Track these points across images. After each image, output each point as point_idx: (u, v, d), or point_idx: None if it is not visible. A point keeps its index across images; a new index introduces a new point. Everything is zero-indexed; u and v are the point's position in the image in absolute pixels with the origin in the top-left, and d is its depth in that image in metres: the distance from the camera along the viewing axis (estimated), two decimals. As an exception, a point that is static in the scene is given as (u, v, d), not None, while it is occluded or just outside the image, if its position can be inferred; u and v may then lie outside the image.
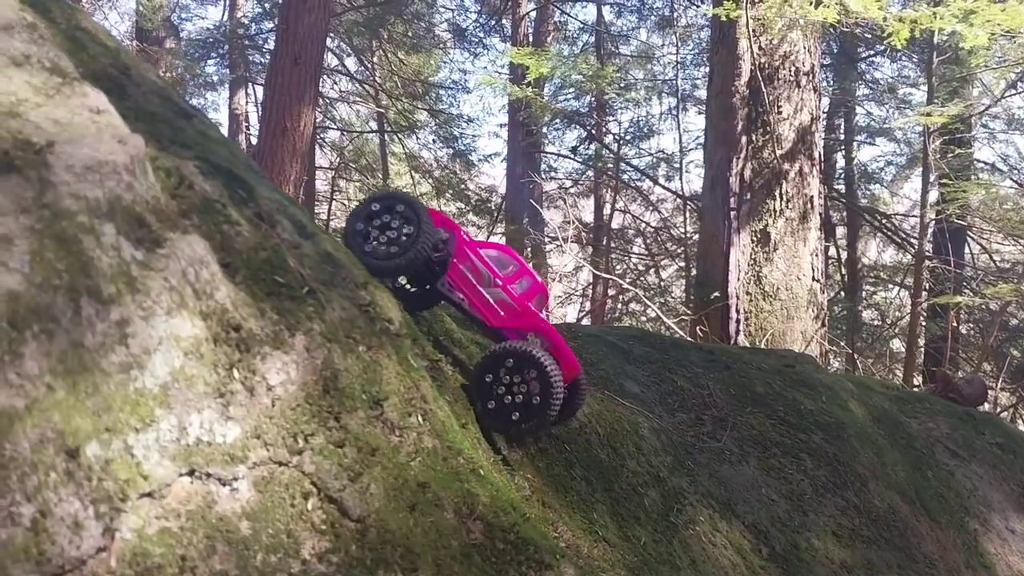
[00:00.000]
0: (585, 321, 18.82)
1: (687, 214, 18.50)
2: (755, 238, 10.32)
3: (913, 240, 17.72)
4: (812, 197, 10.63)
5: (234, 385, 1.31)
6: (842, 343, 10.80)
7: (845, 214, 19.32)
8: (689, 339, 6.84)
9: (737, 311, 10.10)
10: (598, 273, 12.51)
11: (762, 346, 9.28)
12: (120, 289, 1.20)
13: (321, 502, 1.39)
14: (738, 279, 10.15)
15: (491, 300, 2.83)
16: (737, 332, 9.95)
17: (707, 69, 19.28)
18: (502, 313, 2.83)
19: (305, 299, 1.56)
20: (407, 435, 1.65)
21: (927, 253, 11.83)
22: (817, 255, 10.57)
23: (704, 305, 10.54)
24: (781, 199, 10.41)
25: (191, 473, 1.24)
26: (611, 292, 14.87)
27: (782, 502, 2.91)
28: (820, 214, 10.91)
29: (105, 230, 1.22)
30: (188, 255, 1.33)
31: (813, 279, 10.40)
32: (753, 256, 10.32)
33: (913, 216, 20.56)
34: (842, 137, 19.25)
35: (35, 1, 1.69)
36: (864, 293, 19.40)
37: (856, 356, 10.04)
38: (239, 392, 1.31)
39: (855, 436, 3.44)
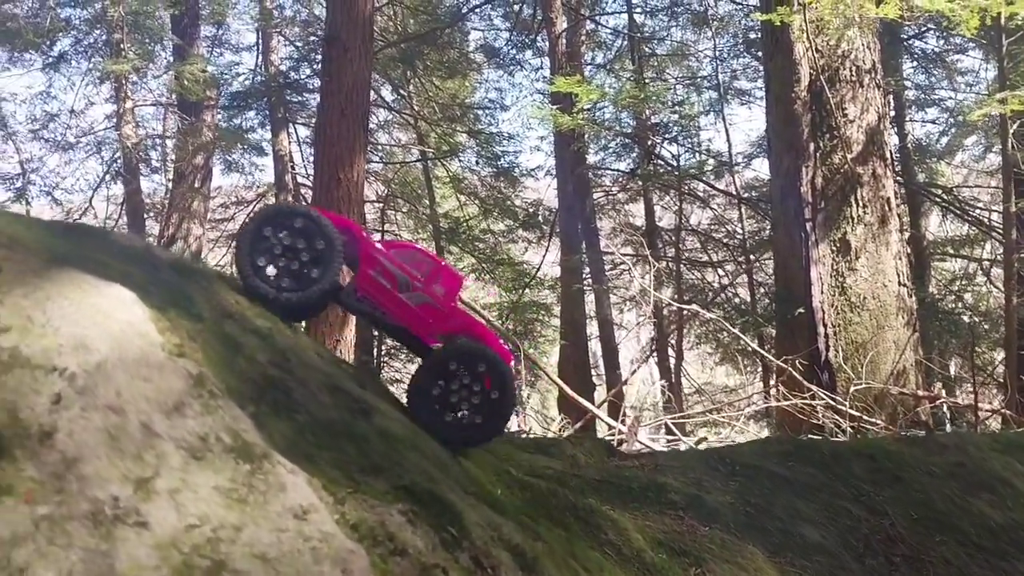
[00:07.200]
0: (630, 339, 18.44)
1: (742, 212, 18.07)
2: (835, 248, 9.93)
3: (975, 210, 17.12)
4: (889, 199, 10.22)
5: None
6: (951, 361, 10.28)
7: (903, 191, 18.67)
8: (844, 440, 6.37)
9: (824, 325, 9.74)
10: (679, 304, 12.15)
11: (863, 367, 8.87)
12: None
13: None
14: (821, 292, 9.78)
15: (413, 306, 2.56)
16: (827, 348, 9.59)
17: (747, 60, 18.91)
18: (429, 320, 2.57)
19: None
20: None
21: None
22: (901, 258, 10.15)
23: (788, 322, 10.17)
24: (858, 205, 10.02)
25: None
26: (685, 315, 14.47)
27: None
28: (899, 216, 10.47)
29: None
30: None
31: (900, 284, 9.99)
32: (835, 266, 9.93)
33: (971, 187, 19.87)
34: (893, 114, 18.64)
35: (176, 296, 1.46)
36: (932, 271, 18.76)
37: (975, 380, 9.52)
38: None
39: (1058, 551, 3.10)
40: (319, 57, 16.81)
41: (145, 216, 17.21)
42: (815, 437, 7.29)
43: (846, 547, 2.83)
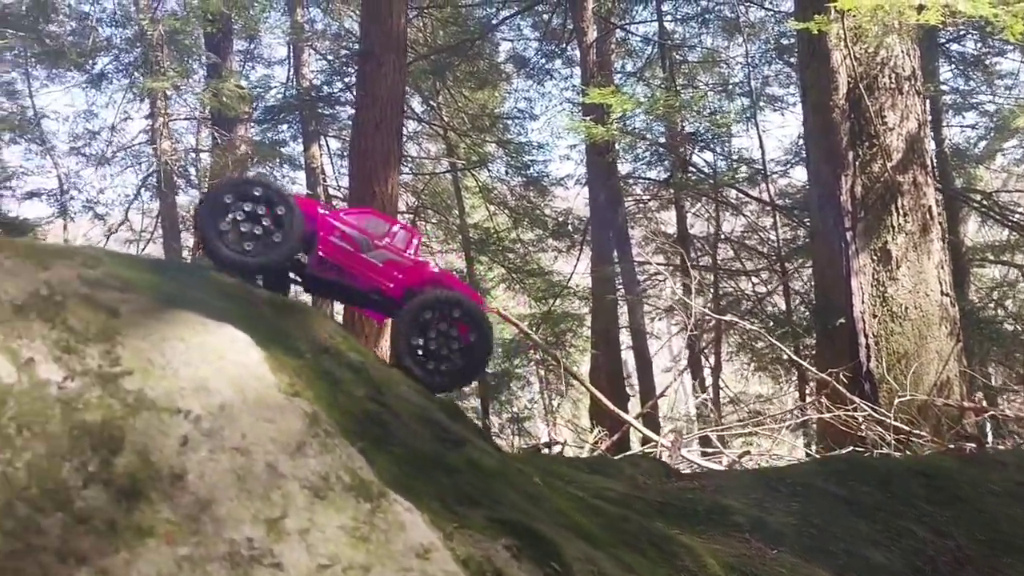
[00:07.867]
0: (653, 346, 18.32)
1: (777, 219, 17.89)
2: (875, 257, 9.83)
3: (1015, 215, 16.83)
4: (930, 207, 10.10)
5: None
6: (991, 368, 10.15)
7: (941, 197, 18.39)
8: (896, 455, 6.31)
9: (865, 336, 9.63)
10: (712, 315, 12.09)
11: (906, 378, 8.75)
12: None
13: None
14: (862, 302, 9.67)
15: (379, 264, 2.62)
16: (868, 358, 9.49)
17: (780, 66, 18.77)
18: (397, 274, 2.63)
19: None
20: None
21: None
22: (943, 267, 10.01)
23: (828, 333, 10.06)
24: (898, 213, 9.91)
25: None
26: (723, 325, 14.38)
27: None
28: (941, 224, 10.34)
29: None
30: None
31: (942, 293, 9.86)
32: (875, 276, 9.83)
33: (1010, 191, 19.54)
34: (930, 119, 18.39)
35: (276, 332, 1.49)
36: (972, 278, 18.48)
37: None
38: None
39: None
40: (351, 70, 16.97)
41: (181, 229, 17.41)
42: (860, 450, 7.21)
43: (913, 570, 2.80)
